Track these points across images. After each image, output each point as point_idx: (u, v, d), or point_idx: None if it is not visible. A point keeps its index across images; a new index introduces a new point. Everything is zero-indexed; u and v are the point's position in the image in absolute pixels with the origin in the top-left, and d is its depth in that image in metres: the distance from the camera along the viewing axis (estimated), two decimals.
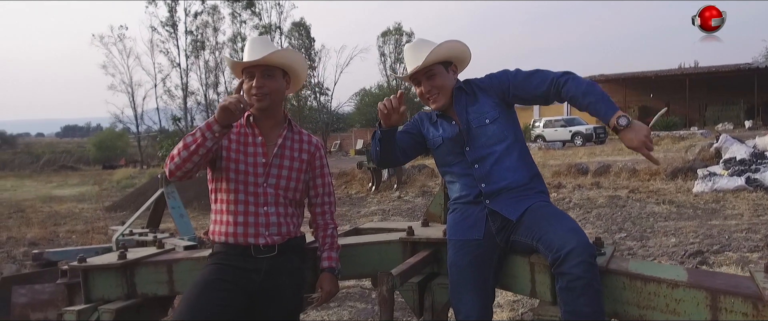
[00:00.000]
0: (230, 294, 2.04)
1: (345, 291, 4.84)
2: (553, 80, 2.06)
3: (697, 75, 30.79)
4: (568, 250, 1.76)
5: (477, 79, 2.25)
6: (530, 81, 2.11)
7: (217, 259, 2.13)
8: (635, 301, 1.75)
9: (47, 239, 7.43)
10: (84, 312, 2.34)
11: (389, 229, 2.78)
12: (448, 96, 2.20)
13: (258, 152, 2.17)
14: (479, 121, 2.14)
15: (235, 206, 2.13)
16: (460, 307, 2.06)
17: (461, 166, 2.18)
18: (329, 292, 2.22)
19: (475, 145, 2.14)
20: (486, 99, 2.17)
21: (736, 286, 1.58)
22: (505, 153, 2.12)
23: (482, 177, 2.12)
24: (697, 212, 7.89)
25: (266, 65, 2.14)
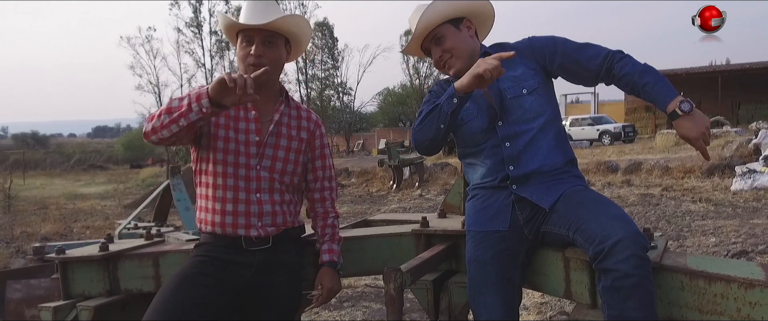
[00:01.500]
0: (212, 290, 1.77)
1: (360, 290, 4.58)
2: (607, 55, 1.74)
3: (730, 72, 29.75)
4: (613, 241, 1.44)
5: (511, 43, 1.90)
6: (583, 52, 1.78)
7: (202, 252, 1.86)
8: (697, 304, 1.42)
9: (61, 234, 7.34)
10: (61, 309, 2.11)
11: (402, 221, 2.49)
12: (465, 58, 1.84)
13: (251, 129, 1.87)
14: (515, 90, 1.81)
15: (223, 192, 1.84)
16: (480, 309, 1.75)
17: (489, 144, 1.84)
18: (331, 290, 1.93)
19: (509, 120, 1.80)
20: (522, 64, 1.82)
21: None
22: (541, 131, 1.80)
23: (512, 158, 1.79)
24: (736, 211, 7.42)
25: (269, 31, 1.84)
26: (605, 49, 1.77)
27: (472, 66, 1.66)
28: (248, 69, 1.84)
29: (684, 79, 30.62)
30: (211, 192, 1.86)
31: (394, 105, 47.74)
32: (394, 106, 47.75)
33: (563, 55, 1.80)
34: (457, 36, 1.86)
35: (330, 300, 1.98)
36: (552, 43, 1.82)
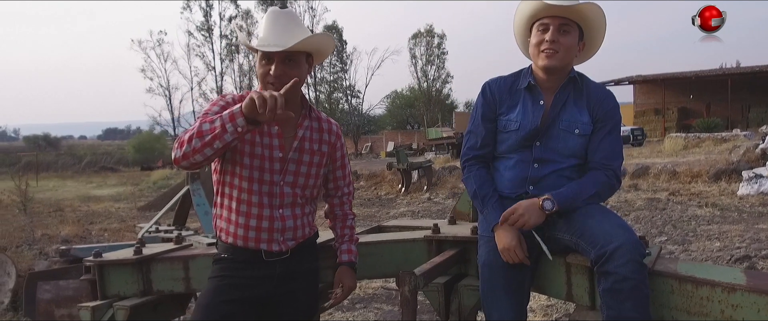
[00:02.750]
0: (235, 306, 1.85)
1: (372, 292, 4.73)
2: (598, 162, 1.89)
3: (740, 75, 29.60)
4: (614, 247, 1.58)
5: (595, 84, 1.99)
6: (600, 143, 1.90)
7: (223, 271, 1.91)
8: (685, 306, 1.57)
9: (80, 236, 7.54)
10: (99, 309, 2.28)
11: (414, 227, 2.64)
12: (566, 61, 1.90)
13: (274, 145, 1.87)
14: (569, 125, 1.91)
15: (247, 207, 1.88)
16: (491, 310, 1.89)
17: (519, 159, 1.95)
18: (350, 288, 2.04)
19: (549, 146, 1.92)
20: (587, 110, 1.92)
21: None
22: (571, 169, 1.93)
23: (535, 180, 1.92)
24: (742, 215, 7.50)
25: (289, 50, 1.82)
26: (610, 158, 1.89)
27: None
28: (267, 87, 1.84)
29: (693, 82, 30.56)
30: (234, 205, 1.89)
31: (402, 108, 47.90)
32: (402, 108, 47.90)
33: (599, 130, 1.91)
34: (574, 43, 1.91)
35: (347, 297, 2.09)
36: (605, 116, 1.92)
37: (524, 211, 1.79)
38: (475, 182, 1.98)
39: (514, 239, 1.80)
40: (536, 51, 1.91)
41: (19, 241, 6.58)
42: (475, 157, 2.02)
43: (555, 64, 1.88)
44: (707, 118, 28.26)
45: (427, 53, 43.14)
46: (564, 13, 1.86)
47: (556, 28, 1.87)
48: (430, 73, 43.22)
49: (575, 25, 1.89)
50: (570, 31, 1.88)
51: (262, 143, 1.87)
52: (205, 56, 38.52)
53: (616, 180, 1.89)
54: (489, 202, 1.92)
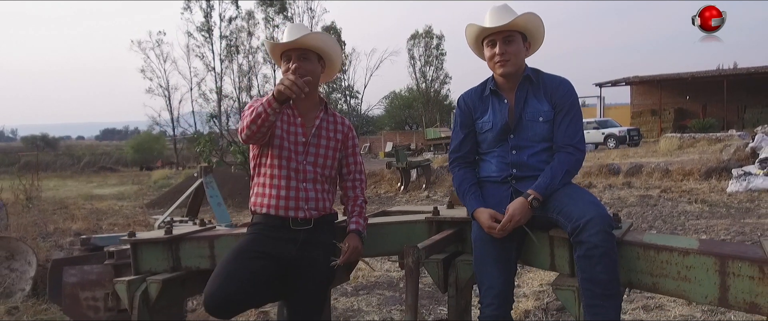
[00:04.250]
0: (263, 262, 2.21)
1: (374, 279, 4.99)
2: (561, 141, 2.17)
3: (736, 76, 29.90)
4: (587, 219, 1.86)
5: (548, 75, 2.28)
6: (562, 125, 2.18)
7: (256, 230, 2.31)
8: (649, 269, 1.84)
9: (91, 230, 7.79)
10: (133, 282, 2.54)
11: (416, 212, 2.90)
12: (517, 66, 2.22)
13: (298, 132, 2.35)
14: (533, 116, 2.22)
15: (278, 181, 2.31)
16: (483, 278, 2.16)
17: (501, 149, 2.26)
18: (355, 248, 2.34)
19: (521, 136, 2.23)
20: (547, 99, 2.22)
21: (744, 252, 1.66)
22: (544, 151, 2.22)
23: (516, 163, 2.22)
24: (730, 211, 7.78)
25: (302, 48, 2.30)
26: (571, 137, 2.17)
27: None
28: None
29: (689, 83, 30.85)
30: (268, 181, 2.33)
31: (401, 108, 48.17)
32: (401, 109, 48.18)
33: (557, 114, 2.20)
34: (521, 48, 2.23)
35: (353, 259, 2.38)
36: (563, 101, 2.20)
37: (517, 214, 2.08)
38: (457, 180, 2.34)
39: (489, 219, 2.11)
40: (492, 63, 2.25)
41: (34, 234, 6.82)
42: (456, 158, 2.37)
43: (510, 71, 2.21)
44: (703, 118, 28.58)
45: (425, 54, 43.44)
46: (505, 29, 2.19)
47: (502, 41, 2.19)
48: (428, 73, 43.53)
49: (517, 33, 2.21)
50: (514, 39, 2.20)
51: (288, 131, 2.34)
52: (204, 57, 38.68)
53: (579, 154, 2.17)
54: (468, 194, 2.24)
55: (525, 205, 2.07)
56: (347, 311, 4.17)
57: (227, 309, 2.19)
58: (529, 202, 2.07)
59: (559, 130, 2.19)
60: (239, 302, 2.21)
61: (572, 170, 2.14)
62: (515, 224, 2.07)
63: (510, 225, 2.07)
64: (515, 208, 2.07)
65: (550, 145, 2.22)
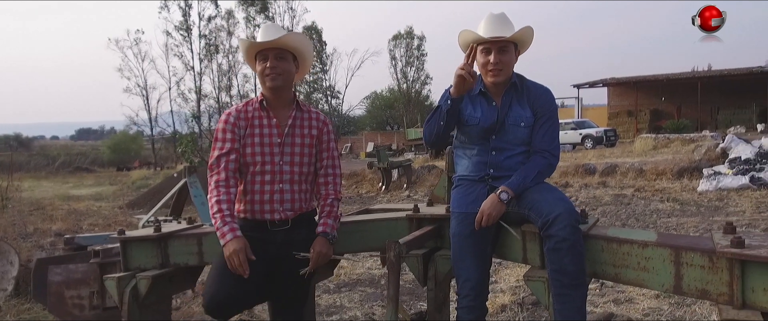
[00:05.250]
0: (254, 262, 2.26)
1: (356, 277, 5.10)
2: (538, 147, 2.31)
3: (709, 78, 30.65)
4: (556, 215, 2.00)
5: (531, 83, 2.39)
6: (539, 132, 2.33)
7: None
8: (612, 261, 1.99)
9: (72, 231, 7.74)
10: (123, 279, 2.61)
11: (397, 209, 3.02)
12: (507, 75, 2.31)
13: (273, 133, 2.39)
14: (516, 120, 2.34)
15: (252, 185, 2.37)
16: (461, 272, 2.29)
17: (480, 148, 2.38)
18: (320, 253, 2.35)
19: (502, 138, 2.35)
20: (529, 106, 2.34)
21: (696, 243, 1.82)
22: (522, 154, 2.35)
23: (494, 164, 2.35)
24: (700, 209, 8.05)
25: (278, 48, 2.35)
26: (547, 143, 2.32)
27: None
28: (266, 81, 2.36)
29: (665, 85, 31.54)
30: (241, 187, 2.39)
31: (382, 109, 48.33)
32: (382, 109, 48.33)
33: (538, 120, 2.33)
34: (513, 58, 2.33)
35: (321, 264, 2.41)
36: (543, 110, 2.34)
37: (487, 209, 2.20)
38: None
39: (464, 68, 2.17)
40: (484, 70, 2.33)
41: (13, 234, 6.78)
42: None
43: (503, 79, 2.32)
44: (678, 119, 29.25)
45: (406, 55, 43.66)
46: (510, 39, 2.28)
47: (497, 51, 2.27)
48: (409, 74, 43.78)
49: (512, 43, 2.31)
50: (508, 49, 2.30)
51: (262, 133, 2.38)
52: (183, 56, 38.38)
53: (553, 159, 2.31)
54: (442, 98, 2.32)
55: (495, 199, 2.19)
56: (330, 308, 4.27)
57: (228, 309, 2.28)
58: (498, 195, 2.18)
59: (537, 135, 2.31)
60: (239, 302, 2.29)
61: (544, 172, 2.27)
62: (489, 219, 2.19)
63: (485, 221, 2.19)
64: (486, 205, 2.20)
65: (528, 150, 2.34)
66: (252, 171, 2.36)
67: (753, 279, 1.63)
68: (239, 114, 2.39)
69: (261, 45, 2.34)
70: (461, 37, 2.37)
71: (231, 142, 2.35)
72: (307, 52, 2.47)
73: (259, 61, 2.37)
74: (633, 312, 3.81)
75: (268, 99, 2.41)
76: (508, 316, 3.89)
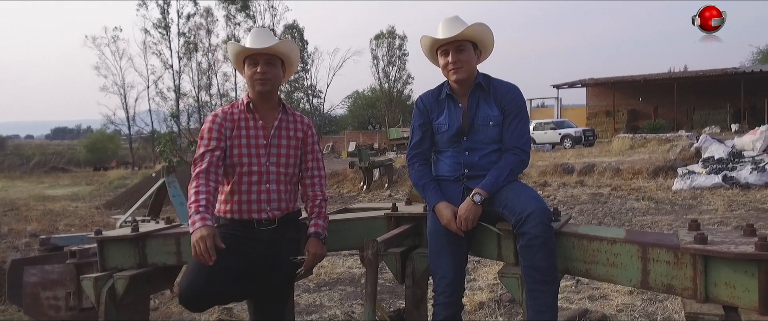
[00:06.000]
0: (233, 258, 2.30)
1: (336, 276, 5.12)
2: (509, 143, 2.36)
3: (686, 79, 31.25)
4: (528, 213, 2.06)
5: (498, 81, 2.47)
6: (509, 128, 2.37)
7: (223, 230, 2.38)
8: (582, 257, 2.05)
9: (47, 231, 7.63)
10: (100, 279, 2.60)
11: (376, 208, 3.05)
12: (468, 73, 2.37)
13: (259, 135, 2.43)
14: (484, 120, 2.39)
15: (239, 186, 2.40)
16: (437, 268, 2.33)
17: (454, 150, 2.43)
18: (315, 255, 2.43)
19: (473, 139, 2.40)
20: (496, 105, 2.40)
21: (662, 240, 1.88)
22: (494, 152, 2.40)
23: (469, 164, 2.40)
24: (674, 208, 8.23)
25: (269, 54, 2.40)
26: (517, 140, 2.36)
27: (450, 213, 2.27)
28: (255, 85, 2.41)
29: (642, 85, 32.08)
30: (228, 187, 2.41)
31: (364, 108, 48.36)
32: (364, 109, 48.35)
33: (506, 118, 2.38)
34: (472, 56, 2.39)
35: (315, 264, 2.48)
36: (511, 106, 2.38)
37: (465, 213, 2.25)
38: (415, 175, 2.49)
39: (451, 214, 2.27)
40: (446, 71, 2.42)
41: None
42: (415, 154, 2.51)
43: (462, 77, 2.38)
44: (655, 119, 29.78)
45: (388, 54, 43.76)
46: (457, 39, 2.36)
47: (454, 51, 2.36)
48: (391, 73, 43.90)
49: (467, 42, 2.38)
50: (465, 48, 2.37)
51: (249, 135, 2.42)
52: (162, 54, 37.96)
53: (524, 155, 2.36)
54: (428, 188, 2.40)
55: (470, 203, 2.25)
56: (310, 307, 4.29)
57: (203, 301, 2.30)
58: (472, 198, 2.24)
59: (507, 132, 2.37)
60: (214, 295, 2.31)
61: (516, 170, 2.33)
62: (467, 224, 2.24)
63: (464, 225, 2.24)
64: (463, 210, 2.25)
65: (500, 147, 2.40)
66: (239, 172, 2.40)
67: (715, 274, 1.69)
68: (226, 116, 2.44)
69: (251, 51, 2.39)
70: (422, 42, 2.47)
71: (216, 141, 2.39)
72: (295, 59, 2.55)
73: (249, 65, 2.42)
74: (607, 308, 3.90)
75: (255, 102, 2.46)
76: (486, 313, 3.95)
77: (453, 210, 2.28)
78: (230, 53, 2.52)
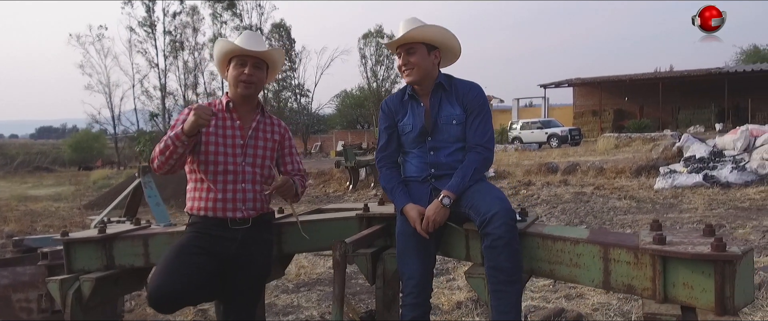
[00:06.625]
0: (205, 258, 2.29)
1: (316, 277, 5.10)
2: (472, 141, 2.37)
3: (671, 79, 31.55)
4: (492, 213, 2.06)
5: (460, 80, 2.48)
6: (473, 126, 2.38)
7: (195, 229, 2.39)
8: (547, 257, 2.05)
9: (25, 233, 7.54)
10: (66, 281, 2.56)
11: (349, 209, 3.03)
12: (421, 75, 2.38)
13: (236, 135, 2.44)
14: (447, 119, 2.40)
15: (214, 184, 2.39)
16: (404, 269, 2.33)
17: (420, 150, 2.45)
18: (284, 182, 2.41)
19: (437, 138, 2.42)
20: (458, 104, 2.41)
21: (623, 240, 1.89)
22: (459, 150, 2.41)
23: (435, 163, 2.41)
24: (655, 206, 8.30)
25: (258, 58, 2.42)
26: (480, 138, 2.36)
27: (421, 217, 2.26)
28: (239, 86, 2.42)
29: (628, 85, 32.35)
30: (204, 185, 2.40)
31: (352, 107, 48.26)
32: (352, 108, 48.26)
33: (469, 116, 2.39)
34: (425, 58, 2.38)
35: (281, 191, 2.43)
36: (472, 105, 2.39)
37: (433, 215, 2.26)
38: (384, 179, 2.51)
39: (417, 216, 2.28)
40: (401, 73, 2.46)
41: None
42: (383, 157, 2.53)
43: (414, 79, 2.40)
44: (640, 119, 30.05)
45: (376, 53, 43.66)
46: (402, 42, 2.37)
47: (405, 53, 2.38)
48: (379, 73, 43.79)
49: (418, 44, 2.38)
50: (415, 50, 2.37)
51: (225, 135, 2.43)
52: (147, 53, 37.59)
53: (488, 152, 2.37)
54: (396, 191, 2.41)
55: (438, 205, 2.25)
56: (287, 307, 4.26)
57: (171, 303, 2.27)
58: (441, 201, 2.25)
59: (469, 131, 2.38)
60: (184, 296, 2.28)
61: (481, 168, 2.33)
62: (434, 225, 2.25)
63: (429, 226, 2.24)
64: (431, 211, 2.25)
65: (464, 145, 2.41)
66: (213, 170, 2.39)
67: (673, 274, 1.70)
68: None
69: (245, 51, 2.39)
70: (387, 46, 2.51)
71: None
72: (279, 66, 2.59)
73: (235, 66, 2.43)
74: (583, 307, 3.92)
75: (236, 102, 2.47)
76: (464, 313, 3.95)
77: (420, 211, 2.28)
78: (218, 50, 2.49)
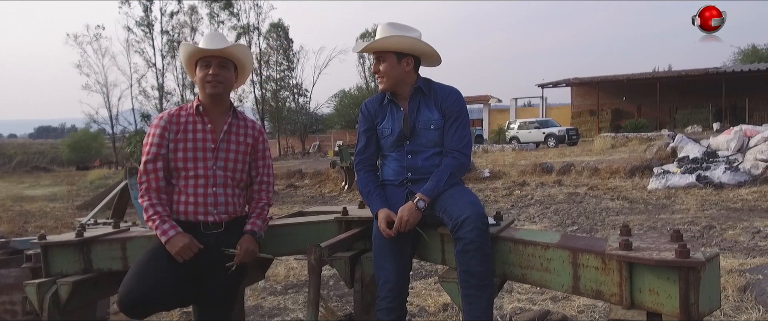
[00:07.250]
0: (176, 263, 2.28)
1: (304, 278, 5.09)
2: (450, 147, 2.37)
3: (668, 79, 31.57)
4: (464, 218, 2.06)
5: (439, 85, 2.48)
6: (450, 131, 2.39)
7: None
8: (518, 262, 2.05)
9: (16, 234, 7.54)
10: (43, 285, 2.55)
11: (329, 212, 3.03)
12: (390, 83, 2.40)
13: (207, 138, 2.41)
14: (425, 124, 2.41)
15: (185, 188, 2.38)
16: (380, 273, 2.33)
17: (398, 154, 2.46)
18: (247, 250, 2.37)
19: (415, 142, 2.43)
20: (437, 108, 2.42)
21: (591, 245, 1.89)
22: (436, 155, 2.42)
23: (411, 167, 2.42)
24: (648, 207, 8.30)
25: (222, 57, 2.39)
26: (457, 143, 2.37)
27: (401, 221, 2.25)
28: (206, 87, 2.40)
29: (625, 85, 32.36)
30: (175, 189, 2.39)
31: (350, 107, 48.19)
32: (350, 108, 48.20)
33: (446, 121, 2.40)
34: (395, 67, 2.40)
35: (247, 260, 2.41)
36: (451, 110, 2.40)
37: (406, 216, 2.26)
38: (361, 182, 2.51)
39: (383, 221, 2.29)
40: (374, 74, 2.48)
41: None
42: (361, 160, 2.54)
43: (385, 87, 2.43)
44: (638, 119, 30.06)
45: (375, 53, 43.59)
46: (372, 51, 2.43)
47: (377, 60, 2.41)
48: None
49: (388, 53, 2.38)
50: (386, 58, 2.39)
51: (196, 138, 2.40)
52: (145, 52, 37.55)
53: (464, 158, 2.38)
54: (371, 195, 2.42)
55: (412, 207, 2.25)
56: (273, 310, 4.26)
57: (142, 308, 2.25)
58: (415, 204, 2.25)
59: (447, 136, 2.39)
60: (154, 302, 2.26)
61: (456, 173, 2.33)
62: (406, 226, 2.24)
63: (401, 227, 2.24)
64: (404, 212, 2.25)
65: (442, 150, 2.41)
66: (184, 175, 2.38)
67: (640, 280, 1.70)
68: (171, 118, 2.43)
69: (205, 52, 2.37)
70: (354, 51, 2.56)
71: (157, 148, 2.38)
72: (248, 63, 2.53)
73: (201, 68, 2.41)
74: (569, 309, 3.92)
75: (205, 105, 2.44)
76: (450, 315, 3.95)
77: (387, 217, 2.29)
78: (182, 55, 2.50)
